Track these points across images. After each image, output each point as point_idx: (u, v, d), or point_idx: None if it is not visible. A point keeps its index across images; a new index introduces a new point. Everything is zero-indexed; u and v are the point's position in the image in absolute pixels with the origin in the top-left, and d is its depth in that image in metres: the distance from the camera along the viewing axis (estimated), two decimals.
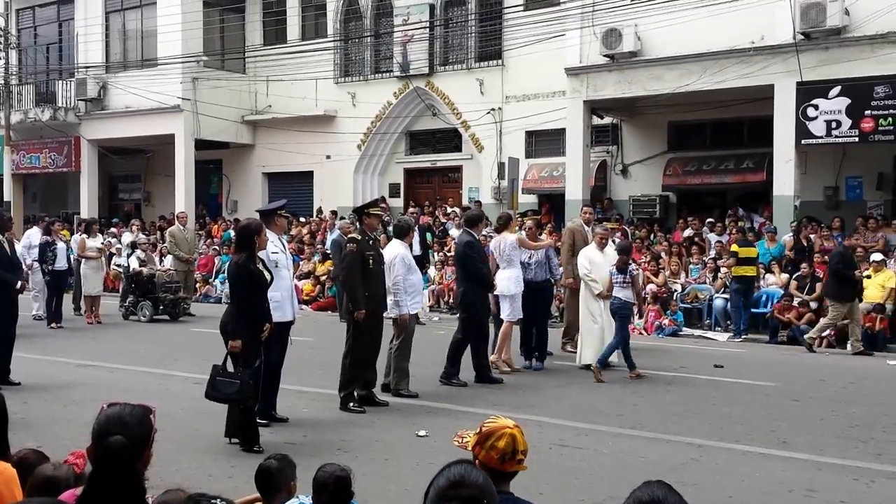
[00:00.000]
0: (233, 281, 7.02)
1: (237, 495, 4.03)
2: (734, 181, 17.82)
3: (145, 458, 2.69)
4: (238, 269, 6.83)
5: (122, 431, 2.58)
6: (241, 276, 6.80)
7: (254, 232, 6.90)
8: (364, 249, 8.40)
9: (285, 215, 8.39)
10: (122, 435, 2.56)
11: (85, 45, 25.16)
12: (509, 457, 2.91)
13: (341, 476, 3.66)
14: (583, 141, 17.86)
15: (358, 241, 8.47)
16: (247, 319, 6.75)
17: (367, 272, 8.36)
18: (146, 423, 2.70)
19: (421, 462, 6.42)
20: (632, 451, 6.92)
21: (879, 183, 16.90)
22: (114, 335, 14.21)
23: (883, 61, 14.68)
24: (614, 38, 16.79)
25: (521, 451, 2.97)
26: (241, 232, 7.06)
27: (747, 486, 6.05)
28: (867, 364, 11.84)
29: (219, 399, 6.77)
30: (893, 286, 13.63)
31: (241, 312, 6.79)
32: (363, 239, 8.51)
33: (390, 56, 22.80)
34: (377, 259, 8.54)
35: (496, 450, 2.93)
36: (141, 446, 2.65)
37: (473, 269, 9.80)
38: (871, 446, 7.16)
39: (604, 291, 10.58)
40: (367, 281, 8.35)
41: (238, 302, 6.86)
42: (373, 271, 8.42)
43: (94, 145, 25.48)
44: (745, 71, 15.65)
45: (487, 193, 21.10)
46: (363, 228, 8.69)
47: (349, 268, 8.45)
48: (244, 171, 25.77)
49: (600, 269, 10.69)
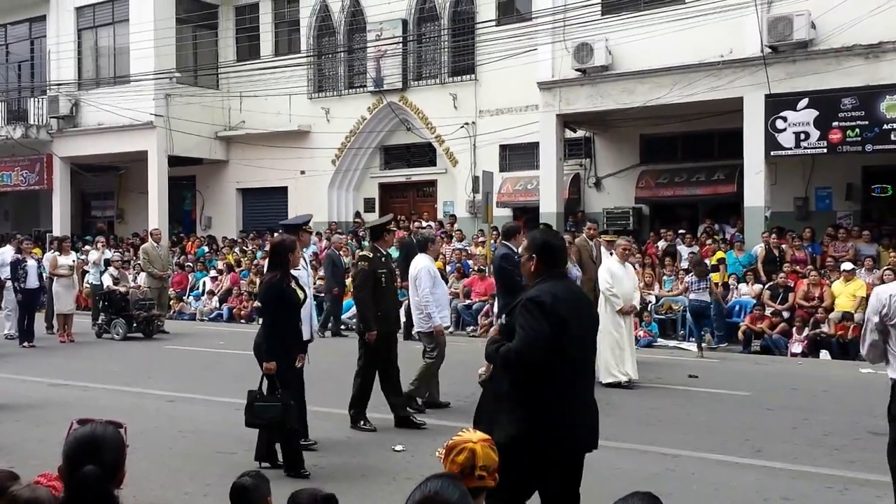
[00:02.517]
0: (265, 300, 6.72)
1: None
2: (706, 193, 18.00)
3: (118, 479, 2.67)
4: (271, 289, 6.56)
5: (94, 453, 2.55)
6: (274, 296, 6.53)
7: (288, 249, 6.62)
8: (376, 267, 8.15)
9: (309, 230, 8.11)
10: (95, 456, 2.54)
11: (57, 62, 25.00)
12: (468, 472, 2.90)
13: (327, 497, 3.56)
14: (556, 154, 17.97)
15: (370, 258, 8.21)
16: (280, 340, 6.52)
17: (380, 291, 8.09)
18: (119, 443, 2.67)
19: (397, 478, 6.42)
20: (607, 462, 6.93)
21: (848, 193, 17.14)
22: (86, 353, 14.07)
23: (849, 74, 14.92)
24: (586, 53, 16.95)
25: (482, 466, 2.94)
26: (275, 249, 6.76)
27: (722, 495, 6.10)
28: (839, 372, 11.97)
29: (260, 425, 6.49)
30: (864, 295, 13.80)
31: (274, 333, 6.53)
32: (375, 256, 8.25)
33: (364, 71, 22.85)
34: (389, 278, 8.30)
35: (456, 464, 2.94)
36: (113, 469, 2.62)
37: (511, 283, 9.36)
38: (843, 454, 7.24)
39: (625, 307, 10.34)
40: (380, 300, 8.08)
41: (271, 322, 6.58)
42: (385, 290, 8.18)
43: (66, 163, 25.25)
44: (714, 84, 15.84)
45: (462, 207, 21.16)
46: (376, 246, 8.43)
47: (361, 287, 8.17)
48: (218, 187, 25.65)
49: (621, 284, 10.44)
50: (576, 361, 3.97)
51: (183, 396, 9.82)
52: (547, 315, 3.86)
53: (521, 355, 3.87)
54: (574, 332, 3.92)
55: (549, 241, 4.25)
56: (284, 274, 6.54)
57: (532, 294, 3.97)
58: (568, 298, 4.00)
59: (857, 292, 13.83)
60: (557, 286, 4.04)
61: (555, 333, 3.84)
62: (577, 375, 3.99)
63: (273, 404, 6.35)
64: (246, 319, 19.07)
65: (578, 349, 3.98)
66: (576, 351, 3.96)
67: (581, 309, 4.08)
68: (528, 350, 3.86)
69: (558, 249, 4.23)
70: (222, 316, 19.61)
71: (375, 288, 8.07)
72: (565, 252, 4.45)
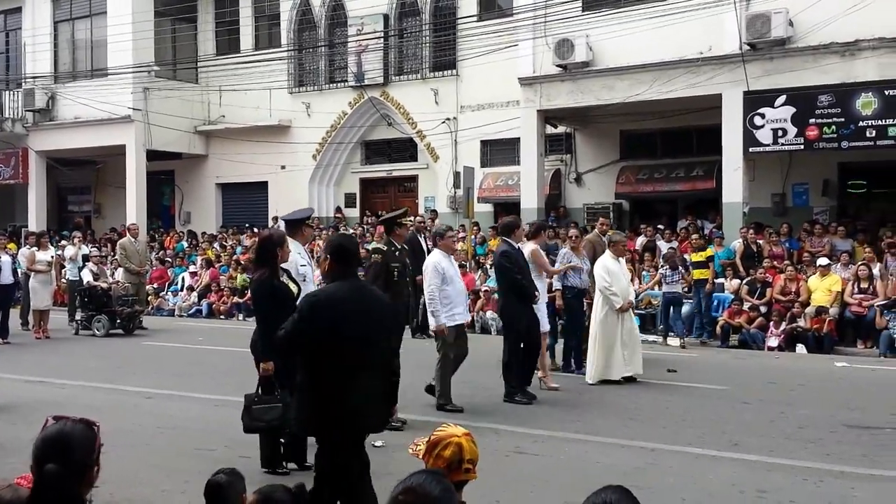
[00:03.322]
0: (256, 299, 6.55)
1: None
2: (685, 189, 18.12)
3: (88, 479, 2.60)
4: (260, 287, 6.36)
5: (63, 452, 2.51)
6: (264, 294, 6.30)
7: (276, 244, 6.38)
8: (390, 260, 8.01)
9: (311, 224, 7.86)
10: (64, 455, 2.49)
11: (33, 54, 24.73)
12: (455, 466, 2.91)
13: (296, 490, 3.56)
14: (537, 150, 18.01)
15: (384, 251, 8.09)
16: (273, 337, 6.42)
17: (392, 284, 7.89)
18: (88, 441, 2.60)
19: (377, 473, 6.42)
20: (587, 457, 7.00)
21: (825, 189, 17.31)
22: (63, 350, 13.95)
23: (826, 71, 15.06)
24: (566, 49, 16.99)
25: (469, 459, 2.95)
26: (262, 244, 6.54)
27: (700, 488, 6.16)
28: (815, 366, 12.10)
29: (261, 429, 6.25)
30: (839, 290, 13.96)
31: (269, 331, 6.24)
32: (389, 250, 8.11)
33: (345, 66, 22.79)
34: (402, 271, 8.14)
35: (442, 458, 2.93)
36: (82, 468, 2.56)
37: (510, 280, 9.24)
38: (819, 447, 7.32)
39: (625, 305, 10.22)
40: (395, 294, 7.77)
41: (264, 321, 6.28)
42: (398, 283, 8.00)
43: (42, 156, 25.01)
44: (693, 81, 15.93)
45: (443, 202, 21.17)
46: (390, 239, 8.25)
47: (374, 280, 7.86)
48: (197, 181, 25.50)
49: (618, 281, 10.29)
50: (355, 355, 4.42)
51: (161, 393, 9.77)
52: (316, 313, 4.43)
53: (281, 345, 4.60)
54: (350, 329, 4.39)
55: (343, 245, 4.80)
56: (273, 269, 6.35)
57: (311, 293, 4.69)
58: (349, 299, 4.49)
59: (832, 287, 13.98)
60: (342, 287, 4.57)
61: (324, 329, 4.38)
62: (358, 367, 4.42)
63: (273, 405, 6.09)
64: (225, 315, 18.99)
65: (357, 344, 4.41)
66: (353, 345, 4.41)
67: (364, 307, 4.52)
68: (287, 342, 4.51)
69: (351, 253, 4.74)
70: (201, 312, 19.52)
71: (388, 281, 7.86)
72: (358, 256, 4.95)
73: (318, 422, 4.48)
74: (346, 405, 4.42)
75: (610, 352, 10.20)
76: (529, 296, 9.18)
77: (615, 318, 10.20)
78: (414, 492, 2.26)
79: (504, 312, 9.55)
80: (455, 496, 2.43)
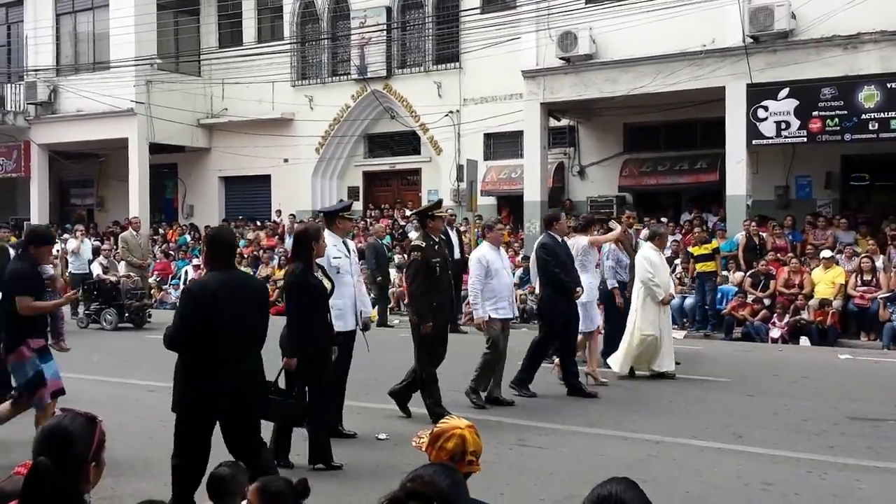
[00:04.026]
0: (287, 294, 6.45)
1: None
2: (688, 182, 18.10)
3: (86, 473, 2.57)
4: (293, 282, 6.27)
5: (61, 445, 2.50)
6: (297, 289, 6.24)
7: (311, 238, 6.27)
8: (430, 256, 7.74)
9: (349, 217, 7.66)
10: (61, 450, 2.48)
11: (35, 47, 24.70)
12: (458, 458, 2.92)
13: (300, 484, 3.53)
14: (540, 143, 17.99)
15: (423, 247, 7.76)
16: (304, 335, 6.19)
17: (434, 280, 7.70)
18: (87, 436, 2.58)
19: (381, 465, 6.44)
20: (591, 449, 7.01)
21: (828, 182, 17.30)
22: (68, 343, 13.93)
23: (828, 64, 15.03)
24: (569, 41, 16.95)
25: (472, 451, 2.95)
26: (297, 238, 6.45)
27: (704, 480, 6.16)
28: (818, 358, 12.10)
29: (269, 418, 6.04)
30: (843, 282, 13.95)
31: (297, 328, 6.22)
32: (429, 245, 7.81)
33: (347, 59, 22.76)
34: (444, 266, 7.91)
35: (445, 451, 2.94)
36: (80, 463, 2.54)
37: (549, 274, 9.01)
38: (823, 439, 7.33)
39: (666, 297, 10.13)
40: (435, 290, 7.70)
41: (294, 316, 6.25)
42: (440, 279, 7.79)
43: (44, 150, 25.00)
44: (696, 73, 15.90)
45: (447, 196, 21.09)
46: (427, 233, 7.95)
47: (415, 277, 7.74)
48: (200, 175, 25.50)
49: (661, 273, 10.16)
50: (232, 338, 4.74)
51: (164, 387, 9.62)
52: (194, 301, 4.77)
53: (172, 337, 4.81)
54: (223, 315, 4.68)
55: (216, 237, 5.19)
56: (307, 264, 6.24)
57: (190, 283, 5.13)
58: (222, 287, 4.76)
59: (836, 279, 13.97)
60: (215, 276, 4.85)
61: (202, 316, 4.68)
62: (236, 347, 4.78)
63: (287, 401, 6.03)
64: None
65: (233, 328, 4.74)
66: (229, 329, 4.73)
67: (237, 294, 4.80)
68: (176, 334, 4.78)
69: (223, 245, 5.03)
70: None
71: (429, 277, 7.68)
72: (232, 248, 5.24)
73: (193, 402, 4.78)
74: (221, 388, 4.70)
75: (647, 344, 10.03)
76: (568, 290, 8.96)
77: (656, 311, 10.07)
78: (422, 479, 2.27)
79: (543, 306, 9.36)
80: (465, 491, 2.43)
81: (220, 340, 4.72)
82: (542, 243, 9.23)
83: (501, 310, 8.45)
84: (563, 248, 9.21)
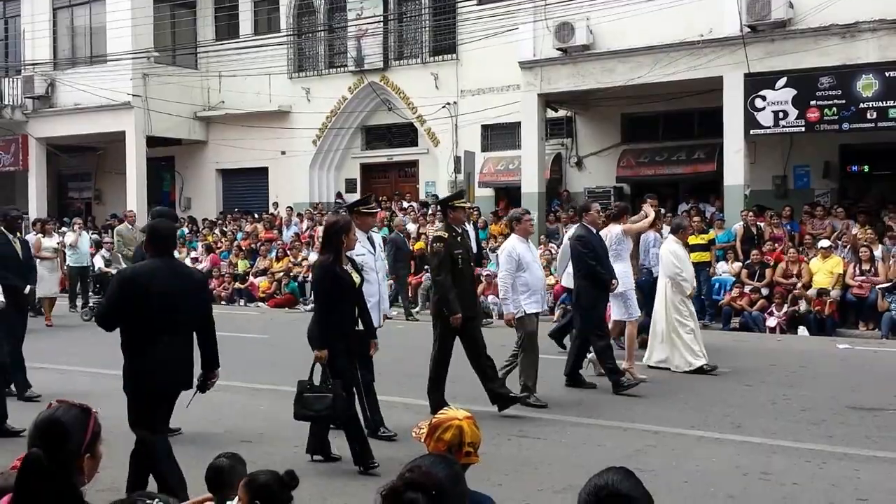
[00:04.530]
0: (314, 283, 6.40)
1: (193, 493, 4.01)
2: (686, 172, 18.10)
3: (80, 464, 2.56)
4: (321, 272, 6.19)
5: (53, 438, 2.50)
6: (324, 279, 6.17)
7: (340, 230, 6.20)
8: (453, 248, 7.62)
9: (368, 210, 7.50)
10: (54, 442, 2.49)
11: (32, 41, 24.66)
12: (456, 449, 2.91)
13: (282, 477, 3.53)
14: (538, 134, 17.97)
15: (445, 239, 7.64)
16: (333, 327, 6.09)
17: (456, 272, 7.59)
18: (80, 427, 2.57)
19: (382, 460, 6.45)
20: (589, 440, 7.02)
21: (826, 171, 17.30)
22: (66, 336, 13.97)
23: (826, 53, 15.00)
24: (567, 32, 16.92)
25: (469, 442, 2.95)
26: (327, 230, 6.38)
27: (702, 470, 6.17)
28: (817, 348, 12.11)
29: (310, 417, 6.14)
30: (841, 272, 13.96)
31: (326, 319, 6.12)
32: (451, 236, 7.68)
33: (344, 51, 22.71)
34: (466, 257, 7.78)
35: (443, 441, 2.93)
36: (73, 455, 2.53)
37: (586, 267, 8.83)
38: (821, 429, 7.34)
39: (693, 290, 10.04)
40: (456, 282, 7.56)
41: (322, 308, 6.19)
42: (462, 271, 7.68)
43: (42, 143, 24.98)
44: (694, 63, 15.88)
45: (444, 187, 21.12)
46: (449, 224, 7.83)
47: (440, 269, 7.62)
48: (197, 167, 25.48)
49: (687, 266, 10.02)
50: (161, 321, 5.04)
51: None
52: (124, 286, 5.09)
53: (101, 315, 5.28)
54: (156, 299, 4.98)
55: (154, 226, 5.51)
56: (337, 256, 6.15)
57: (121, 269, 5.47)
58: (155, 274, 5.09)
59: (834, 269, 13.97)
60: (151, 263, 5.21)
61: (132, 300, 5.01)
62: (165, 332, 5.06)
63: (324, 395, 5.96)
64: (226, 301, 19.00)
65: (163, 312, 5.02)
66: (159, 314, 5.02)
67: (170, 281, 5.11)
68: (104, 312, 5.23)
69: (161, 236, 5.32)
70: None
71: (452, 269, 7.57)
72: (168, 238, 5.42)
73: (133, 379, 5.12)
74: (153, 365, 5.06)
75: (679, 338, 9.92)
76: (604, 283, 8.86)
77: (684, 304, 9.96)
78: (420, 469, 2.27)
79: (576, 301, 9.20)
80: (464, 482, 2.42)
81: (150, 323, 5.02)
82: (577, 235, 9.07)
83: (535, 303, 8.21)
84: (597, 239, 9.08)
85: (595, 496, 2.16)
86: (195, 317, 5.27)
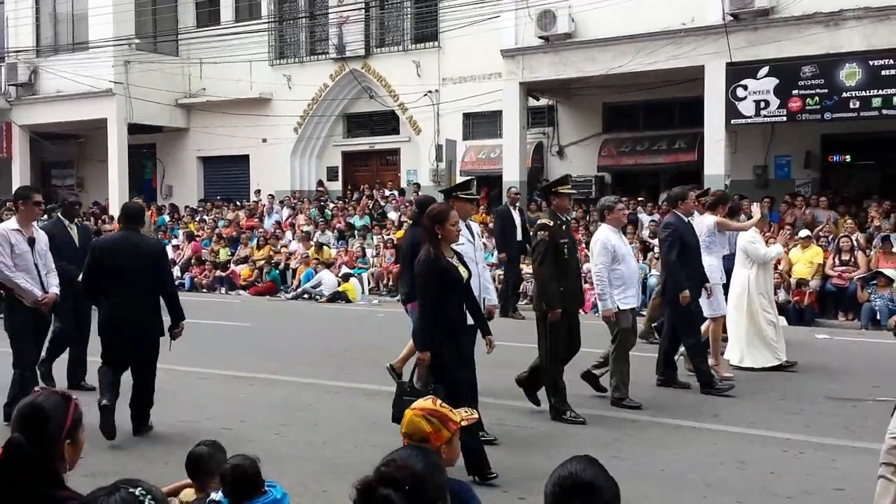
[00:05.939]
0: (417, 281, 5.87)
1: (175, 480, 4.01)
2: (667, 161, 18.13)
3: (62, 449, 2.60)
4: (426, 268, 5.66)
5: (35, 425, 2.54)
6: (432, 276, 5.66)
7: (433, 221, 5.69)
8: (558, 236, 7.16)
9: (467, 196, 6.95)
10: (35, 428, 2.52)
11: (15, 28, 24.46)
12: (417, 440, 2.94)
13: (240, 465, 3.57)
14: (519, 122, 17.95)
15: (550, 227, 7.15)
16: (438, 327, 5.66)
17: (562, 263, 7.14)
18: (61, 414, 2.61)
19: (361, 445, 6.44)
20: (568, 429, 7.03)
21: (807, 161, 17.38)
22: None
23: (809, 42, 15.00)
24: (549, 20, 16.88)
25: (405, 433, 2.98)
26: (423, 223, 5.92)
27: (679, 458, 6.20)
28: (796, 338, 12.14)
29: None
30: (821, 262, 14.03)
31: (428, 318, 5.68)
32: (556, 224, 7.19)
33: (326, 38, 22.59)
34: (572, 247, 7.36)
35: (405, 435, 3.00)
36: (54, 441, 2.57)
37: (668, 265, 8.38)
38: (800, 418, 7.38)
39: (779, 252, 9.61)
40: (562, 274, 7.12)
41: (426, 306, 5.73)
42: (568, 262, 7.23)
43: (25, 131, 24.81)
44: (675, 52, 15.87)
45: (426, 175, 21.10)
46: (554, 211, 7.32)
47: (543, 259, 7.14)
48: (179, 155, 25.32)
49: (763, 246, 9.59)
50: (116, 286, 6.56)
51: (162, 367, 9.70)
52: (93, 252, 6.76)
53: (82, 279, 7.11)
54: (110, 266, 6.55)
55: (124, 208, 7.29)
56: (436, 249, 5.66)
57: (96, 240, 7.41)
58: (118, 244, 6.67)
59: (813, 259, 14.04)
60: (118, 235, 7.03)
61: (99, 268, 6.64)
62: (117, 295, 6.58)
63: None
64: (208, 289, 18.92)
65: (117, 278, 6.54)
66: (115, 279, 6.55)
67: (131, 250, 6.58)
68: (83, 276, 6.93)
69: (128, 214, 6.90)
70: (184, 285, 19.39)
71: (557, 260, 7.13)
72: (134, 216, 6.85)
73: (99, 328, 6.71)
74: (106, 320, 6.65)
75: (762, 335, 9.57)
76: (678, 283, 8.24)
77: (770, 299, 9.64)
78: (395, 463, 2.27)
79: (668, 289, 8.59)
80: (443, 471, 2.43)
81: (115, 284, 6.51)
82: (666, 222, 8.57)
83: (630, 298, 7.73)
84: (688, 228, 8.52)
85: (559, 486, 2.16)
86: (144, 280, 6.52)
